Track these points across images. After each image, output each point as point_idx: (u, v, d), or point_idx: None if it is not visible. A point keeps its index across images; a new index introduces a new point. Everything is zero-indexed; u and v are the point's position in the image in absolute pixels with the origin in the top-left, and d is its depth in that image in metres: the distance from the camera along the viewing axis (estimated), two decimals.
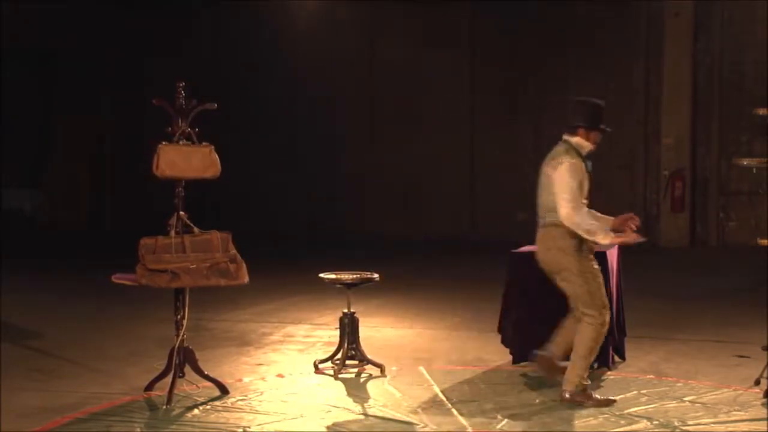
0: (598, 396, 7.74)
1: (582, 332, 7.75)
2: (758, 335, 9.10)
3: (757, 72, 17.75)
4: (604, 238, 7.77)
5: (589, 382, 7.78)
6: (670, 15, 19.12)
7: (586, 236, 7.77)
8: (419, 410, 7.67)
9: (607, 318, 7.77)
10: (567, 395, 7.70)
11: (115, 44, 20.25)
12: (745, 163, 8.06)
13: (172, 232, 7.95)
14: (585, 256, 7.85)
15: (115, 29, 20.25)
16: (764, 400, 7.56)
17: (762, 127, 7.48)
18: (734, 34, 18.68)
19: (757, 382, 8.12)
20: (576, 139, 8.28)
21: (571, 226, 7.79)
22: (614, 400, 7.74)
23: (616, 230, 7.84)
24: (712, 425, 7.13)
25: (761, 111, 7.53)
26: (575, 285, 7.79)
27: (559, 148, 8.25)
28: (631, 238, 7.83)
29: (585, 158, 8.20)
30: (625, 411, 7.62)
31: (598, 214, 8.13)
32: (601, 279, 7.86)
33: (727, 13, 18.87)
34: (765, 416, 7.33)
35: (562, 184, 7.95)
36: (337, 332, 9.08)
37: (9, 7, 18.00)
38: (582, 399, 7.66)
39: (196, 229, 8.03)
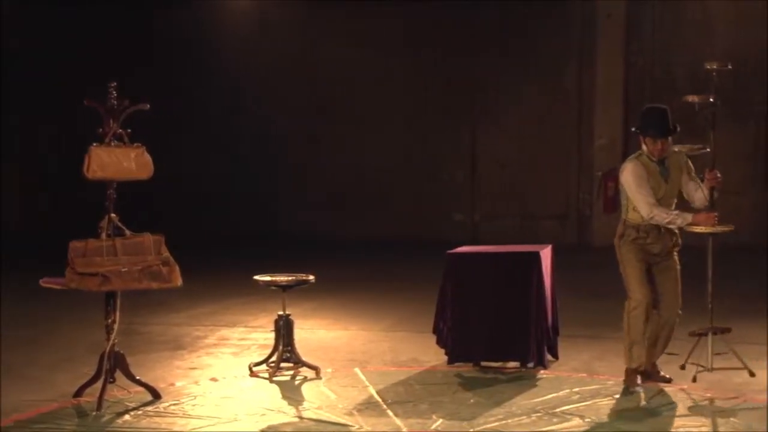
0: (639, 382, 8.05)
1: None
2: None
3: (687, 73, 17.92)
4: (683, 221, 7.92)
5: (634, 365, 8.03)
6: (603, 16, 19.26)
7: (670, 227, 7.96)
8: (354, 412, 7.67)
9: (632, 305, 7.98)
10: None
11: (54, 43, 19.94)
12: (676, 149, 8.07)
13: (103, 235, 7.89)
14: (630, 246, 8.03)
15: (49, 28, 19.95)
16: (696, 396, 7.63)
17: (692, 122, 7.55)
18: (665, 36, 18.85)
19: (683, 367, 8.37)
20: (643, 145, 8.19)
21: (652, 222, 7.93)
22: (670, 379, 8.14)
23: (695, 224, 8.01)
24: (643, 421, 7.18)
25: (690, 98, 7.68)
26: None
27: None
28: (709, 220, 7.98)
29: (654, 161, 8.04)
30: (558, 409, 7.67)
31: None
32: (636, 267, 8.02)
33: (658, 16, 19.05)
34: (693, 412, 7.39)
35: (629, 187, 8.02)
36: (272, 335, 9.06)
37: None
38: (626, 381, 8.07)
39: (127, 232, 7.97)
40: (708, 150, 8.07)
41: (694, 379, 7.90)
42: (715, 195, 8.10)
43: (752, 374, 7.92)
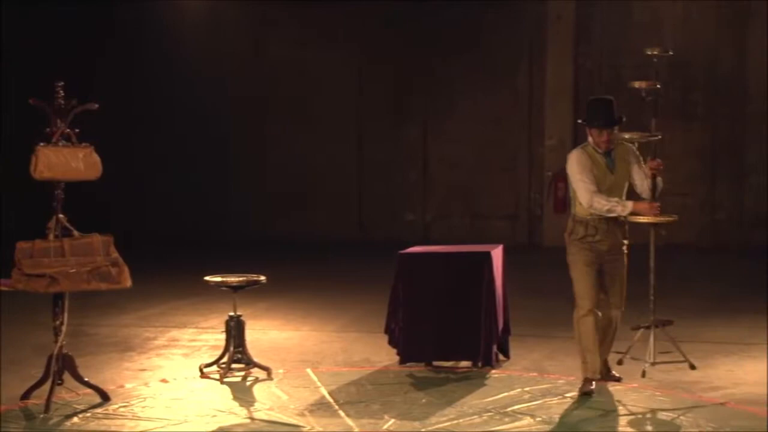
0: (589, 387, 7.88)
1: None
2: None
3: (636, 74, 18.01)
4: (624, 209, 7.76)
5: (589, 375, 7.91)
6: (553, 18, 19.36)
7: (610, 215, 7.79)
8: (306, 413, 7.66)
9: (580, 313, 7.91)
10: None
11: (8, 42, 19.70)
12: (627, 136, 8.05)
13: (51, 236, 7.82)
14: (578, 246, 7.93)
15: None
16: (646, 393, 7.67)
17: (641, 113, 7.55)
18: (613, 39, 18.97)
19: (620, 362, 8.46)
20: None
21: (592, 210, 7.80)
22: (619, 378, 8.16)
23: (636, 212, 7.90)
24: (592, 420, 7.21)
25: (636, 84, 7.67)
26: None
27: None
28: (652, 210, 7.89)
29: (600, 152, 7.92)
30: (509, 409, 7.69)
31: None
32: (585, 270, 7.89)
33: (607, 17, 19.18)
34: (643, 410, 7.43)
35: (572, 175, 7.94)
36: (223, 336, 9.01)
37: None
38: (581, 389, 7.91)
39: (76, 233, 7.91)
40: (659, 137, 7.96)
41: (643, 374, 7.94)
42: (659, 185, 8.04)
43: (693, 367, 7.95)
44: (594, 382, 7.87)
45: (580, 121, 8.13)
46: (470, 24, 19.67)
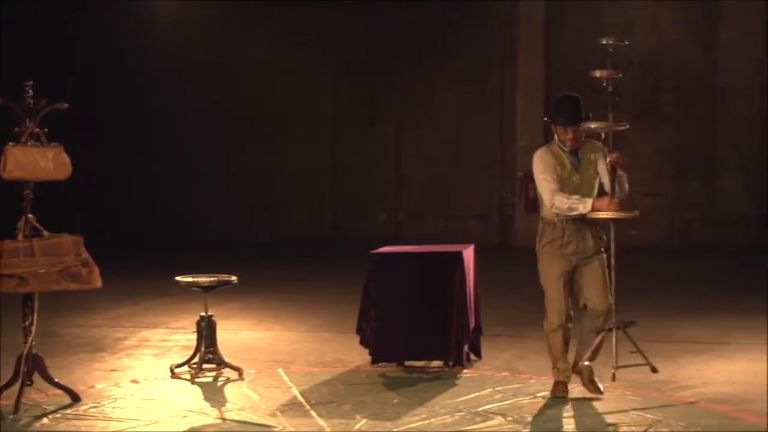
0: (562, 390, 7.75)
1: None
2: None
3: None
4: (584, 207, 7.40)
5: (561, 378, 7.78)
6: (523, 19, 19.43)
7: (569, 213, 7.47)
8: (278, 413, 7.65)
9: (549, 327, 7.70)
10: None
11: None
12: (593, 126, 7.57)
13: (20, 236, 7.78)
14: (547, 252, 7.68)
15: None
16: (617, 393, 7.66)
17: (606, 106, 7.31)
18: (584, 40, 19.02)
19: (575, 367, 8.08)
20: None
21: (554, 210, 7.54)
22: (601, 392, 7.76)
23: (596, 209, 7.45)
24: (563, 419, 7.23)
25: (597, 73, 7.39)
26: None
27: None
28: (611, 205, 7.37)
29: (566, 151, 7.66)
30: (480, 408, 7.70)
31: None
32: (555, 281, 7.63)
33: (577, 19, 19.26)
34: (614, 409, 7.45)
35: (535, 174, 7.69)
36: (194, 336, 8.99)
37: None
38: (553, 391, 7.78)
39: (45, 233, 7.87)
40: (626, 126, 7.46)
41: (613, 378, 7.95)
42: (622, 180, 7.56)
43: (654, 370, 7.64)
44: (566, 386, 7.77)
45: (546, 118, 7.94)
46: (443, 24, 19.72)
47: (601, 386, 7.74)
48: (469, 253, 9.32)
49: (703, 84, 19.27)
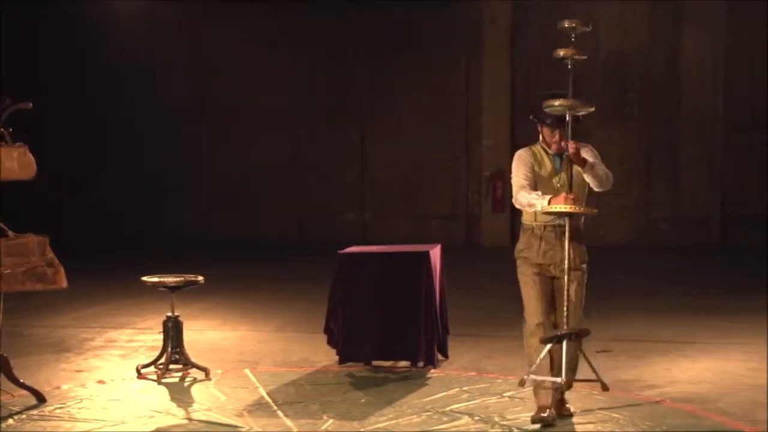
0: (536, 410, 7.10)
1: None
2: None
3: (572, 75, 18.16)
4: (542, 203, 6.84)
5: (541, 401, 7.10)
6: (488, 20, 19.47)
7: (529, 209, 6.98)
8: (245, 413, 7.64)
9: (528, 331, 7.11)
10: None
11: None
12: (557, 104, 6.89)
13: None
14: (521, 259, 7.17)
15: None
16: (583, 392, 7.47)
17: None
18: (549, 40, 18.98)
19: (522, 383, 7.23)
20: None
21: (517, 205, 7.07)
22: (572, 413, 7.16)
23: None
24: (528, 419, 7.26)
25: (561, 52, 6.96)
26: None
27: None
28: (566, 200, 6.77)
29: (550, 153, 7.10)
30: (447, 408, 7.72)
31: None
32: (531, 284, 7.12)
33: (541, 19, 19.29)
34: (579, 408, 7.47)
35: (512, 171, 7.18)
36: (161, 336, 8.98)
37: None
38: (533, 417, 7.09)
39: (10, 233, 7.82)
40: (593, 109, 6.94)
41: (521, 383, 7.20)
42: (591, 173, 6.89)
43: (606, 388, 7.04)
44: (548, 411, 7.06)
45: (531, 117, 7.22)
46: (408, 25, 19.75)
47: (571, 408, 7.24)
48: (435, 253, 9.34)
49: (666, 84, 19.40)
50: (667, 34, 19.39)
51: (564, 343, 6.79)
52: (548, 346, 6.87)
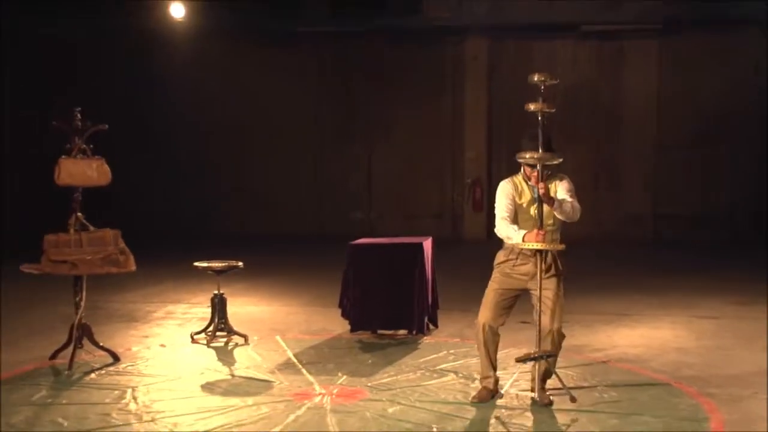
0: (479, 395, 6.70)
1: None
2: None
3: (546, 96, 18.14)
4: (517, 238, 6.41)
5: (482, 383, 6.78)
6: (470, 58, 19.48)
7: (508, 241, 6.58)
8: (276, 371, 7.69)
9: (480, 329, 6.67)
10: None
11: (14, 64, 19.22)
12: (527, 156, 6.40)
13: (71, 230, 7.80)
14: (497, 271, 6.71)
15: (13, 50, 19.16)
16: (538, 359, 6.59)
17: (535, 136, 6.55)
18: (518, 74, 19.02)
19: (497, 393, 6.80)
20: None
21: (499, 236, 6.65)
22: (551, 401, 6.57)
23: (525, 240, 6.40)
24: (500, 375, 7.27)
25: (531, 106, 6.47)
26: None
27: None
28: (537, 237, 6.35)
29: (530, 184, 6.53)
30: (437, 367, 7.76)
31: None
32: (493, 291, 6.67)
33: (513, 58, 19.31)
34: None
35: (496, 200, 6.70)
36: (209, 309, 9.02)
37: None
38: (475, 396, 6.73)
39: (91, 227, 7.89)
40: (561, 161, 6.50)
41: (533, 399, 6.67)
42: (559, 211, 6.43)
43: (573, 400, 6.53)
44: (490, 393, 6.71)
45: (516, 156, 6.53)
46: (405, 63, 19.75)
47: (551, 396, 6.64)
48: (427, 244, 9.38)
49: (610, 110, 19.40)
50: (610, 70, 19.39)
51: (537, 363, 6.50)
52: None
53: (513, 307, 6.76)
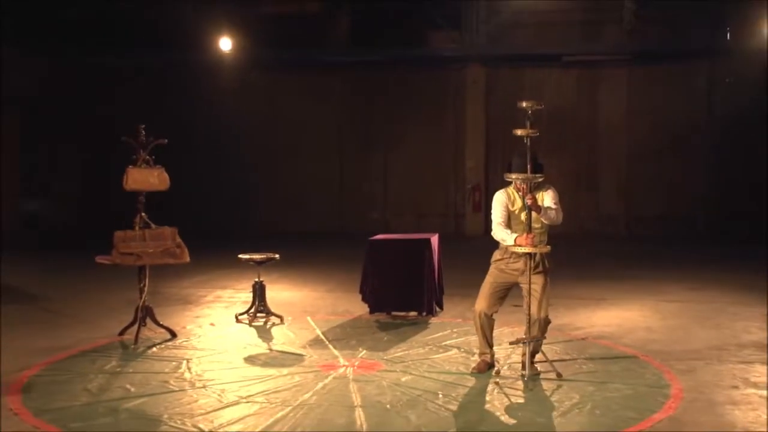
0: (478, 367, 6.71)
1: None
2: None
3: (523, 122, 18.11)
4: (510, 241, 6.42)
5: (480, 357, 6.77)
6: (470, 82, 19.48)
7: (503, 243, 6.55)
8: (307, 346, 7.71)
9: (476, 316, 6.68)
10: None
11: (85, 89, 19.38)
12: (513, 176, 6.46)
13: (136, 228, 7.85)
14: (493, 266, 6.69)
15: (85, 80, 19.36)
16: (527, 343, 6.51)
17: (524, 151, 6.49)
18: (511, 96, 19.04)
19: (497, 372, 6.68)
20: None
21: (495, 238, 6.62)
22: (538, 372, 6.56)
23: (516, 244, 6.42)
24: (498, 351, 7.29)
25: (519, 132, 6.35)
26: None
27: None
28: (527, 241, 6.36)
29: (521, 194, 6.53)
30: (443, 343, 7.77)
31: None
32: (489, 284, 6.66)
33: (507, 82, 19.30)
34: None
35: (492, 208, 6.68)
36: (251, 294, 9.04)
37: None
38: (473, 367, 6.75)
39: (153, 225, 7.94)
40: (542, 179, 6.45)
41: (525, 383, 6.44)
42: (545, 216, 6.45)
43: (559, 376, 6.48)
44: (487, 365, 6.72)
45: (505, 177, 6.57)
46: (415, 85, 19.76)
47: (538, 367, 6.64)
48: (435, 240, 9.38)
49: (589, 126, 19.39)
50: (588, 93, 19.38)
51: (526, 345, 6.47)
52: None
53: (506, 297, 6.81)
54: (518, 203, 6.57)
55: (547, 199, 6.55)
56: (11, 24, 17.17)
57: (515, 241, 6.42)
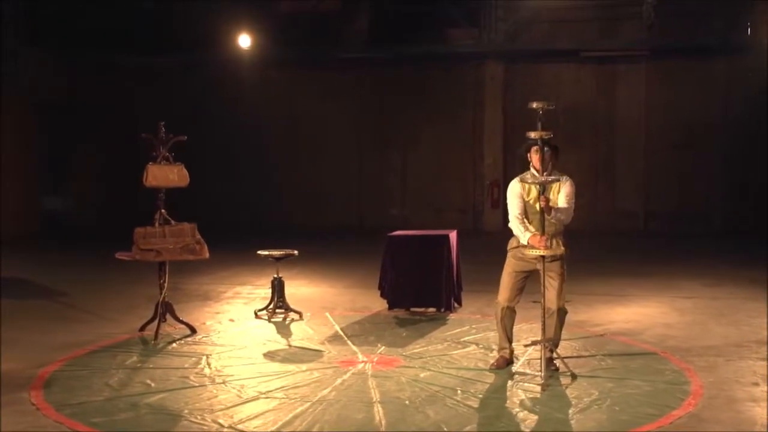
0: (496, 363, 6.69)
1: None
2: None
3: (544, 119, 18.03)
4: (524, 239, 6.38)
5: (500, 353, 6.75)
6: (488, 79, 19.39)
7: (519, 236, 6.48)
8: (325, 342, 7.71)
9: (499, 308, 6.67)
10: None
11: (111, 92, 19.47)
12: (529, 181, 6.32)
13: (156, 224, 7.87)
14: (510, 255, 6.65)
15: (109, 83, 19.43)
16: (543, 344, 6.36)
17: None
18: (528, 93, 18.89)
19: (511, 373, 6.52)
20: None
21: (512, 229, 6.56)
22: (557, 368, 6.49)
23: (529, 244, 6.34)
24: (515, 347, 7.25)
25: (532, 134, 6.16)
26: None
27: None
28: (540, 243, 6.27)
29: (537, 184, 6.30)
30: (461, 339, 7.76)
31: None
32: (508, 274, 6.63)
33: (525, 78, 19.20)
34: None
35: (507, 198, 6.62)
36: (270, 290, 9.05)
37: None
38: (492, 363, 6.72)
39: (172, 221, 7.96)
40: (559, 180, 6.35)
41: (543, 389, 6.16)
42: (555, 218, 6.36)
43: (574, 377, 6.35)
44: (506, 361, 6.68)
45: (520, 149, 6.57)
46: (434, 83, 19.71)
47: (557, 363, 6.54)
48: (453, 236, 9.36)
49: (606, 121, 19.24)
50: (606, 88, 19.23)
51: (542, 347, 6.32)
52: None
53: (524, 288, 6.74)
54: (534, 192, 6.42)
55: (562, 194, 6.45)
56: (33, 25, 17.30)
57: (528, 241, 6.35)
